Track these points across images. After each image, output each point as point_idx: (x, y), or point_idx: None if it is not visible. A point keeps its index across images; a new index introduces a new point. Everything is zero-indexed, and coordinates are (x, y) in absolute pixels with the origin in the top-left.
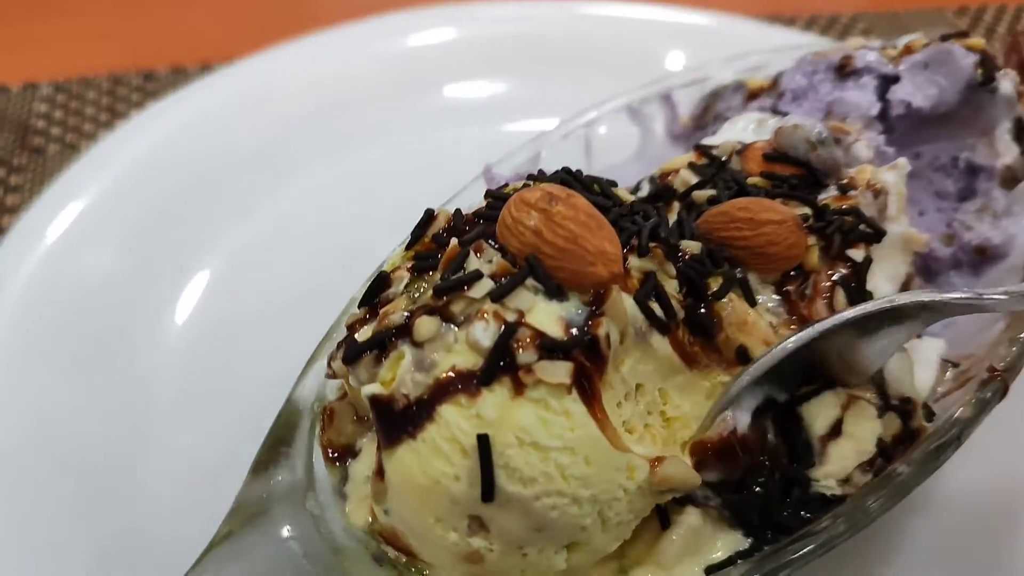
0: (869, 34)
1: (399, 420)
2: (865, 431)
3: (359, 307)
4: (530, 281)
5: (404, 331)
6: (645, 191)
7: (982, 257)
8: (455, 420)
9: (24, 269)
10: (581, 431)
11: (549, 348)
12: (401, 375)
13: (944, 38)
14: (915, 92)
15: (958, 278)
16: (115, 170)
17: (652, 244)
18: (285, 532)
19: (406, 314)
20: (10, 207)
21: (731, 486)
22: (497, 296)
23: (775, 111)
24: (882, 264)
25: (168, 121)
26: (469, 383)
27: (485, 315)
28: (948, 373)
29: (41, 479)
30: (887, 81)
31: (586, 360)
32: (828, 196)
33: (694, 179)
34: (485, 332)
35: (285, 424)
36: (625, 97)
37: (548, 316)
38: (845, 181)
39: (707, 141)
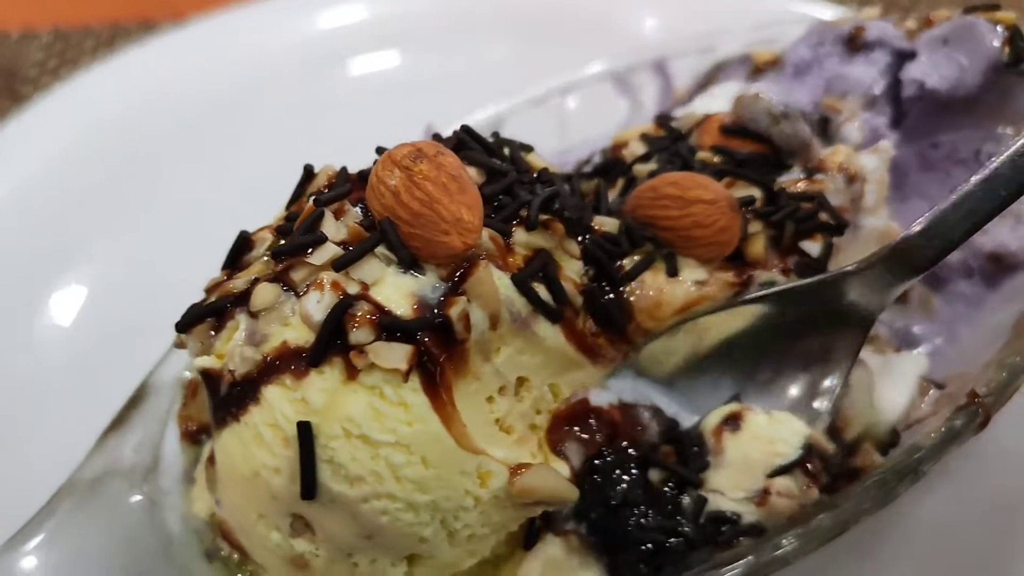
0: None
1: (225, 399)
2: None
3: (222, 269)
4: (382, 249)
5: (243, 299)
6: (597, 163)
7: (997, 266)
8: (279, 404)
9: None
10: (420, 426)
11: (389, 328)
12: (231, 348)
13: (968, 10)
14: (931, 71)
15: (969, 288)
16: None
17: (546, 217)
18: (110, 516)
19: (251, 279)
20: None
21: (603, 507)
22: (340, 264)
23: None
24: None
25: (54, 120)
26: (298, 362)
27: (323, 285)
28: (930, 394)
29: None
30: (902, 57)
31: (435, 345)
32: (789, 179)
33: (642, 151)
34: (318, 305)
35: (138, 400)
36: (602, 64)
37: (397, 291)
38: (813, 163)
39: (678, 112)
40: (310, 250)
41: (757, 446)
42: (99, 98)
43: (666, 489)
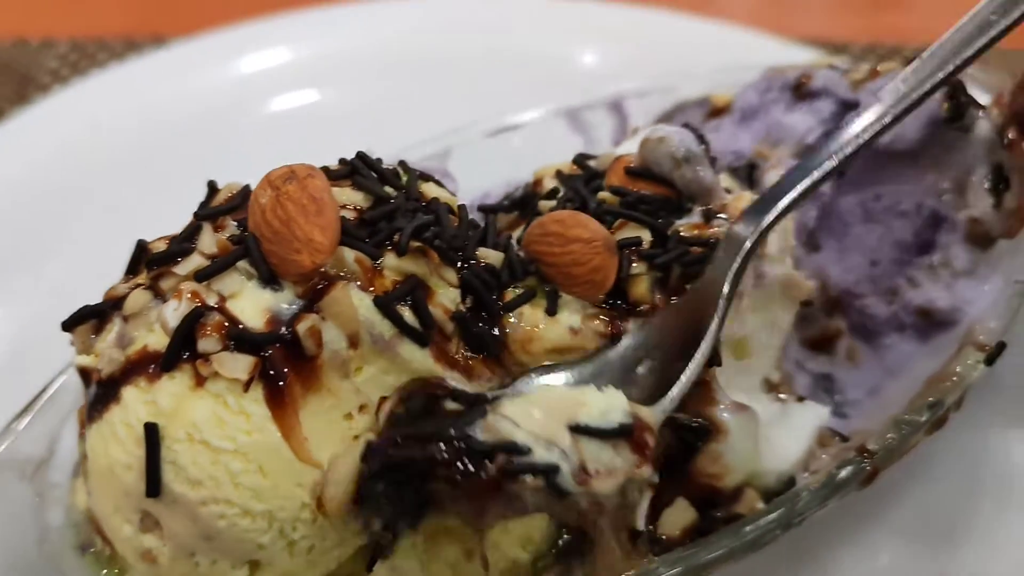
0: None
1: (94, 397)
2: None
3: (125, 275)
4: (245, 264)
5: (120, 303)
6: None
7: (927, 321)
8: (133, 404)
9: None
10: (258, 436)
11: (236, 339)
12: (103, 349)
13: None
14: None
15: (902, 343)
16: None
17: (417, 244)
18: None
19: (133, 285)
20: None
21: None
22: (202, 276)
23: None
24: (760, 310)
25: None
26: (154, 367)
27: (182, 294)
28: (832, 448)
29: None
30: (846, 107)
31: (282, 359)
32: (688, 222)
33: (552, 188)
34: (175, 312)
35: (42, 396)
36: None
37: (253, 305)
38: (715, 207)
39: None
40: (179, 260)
41: (564, 398)
42: (31, 139)
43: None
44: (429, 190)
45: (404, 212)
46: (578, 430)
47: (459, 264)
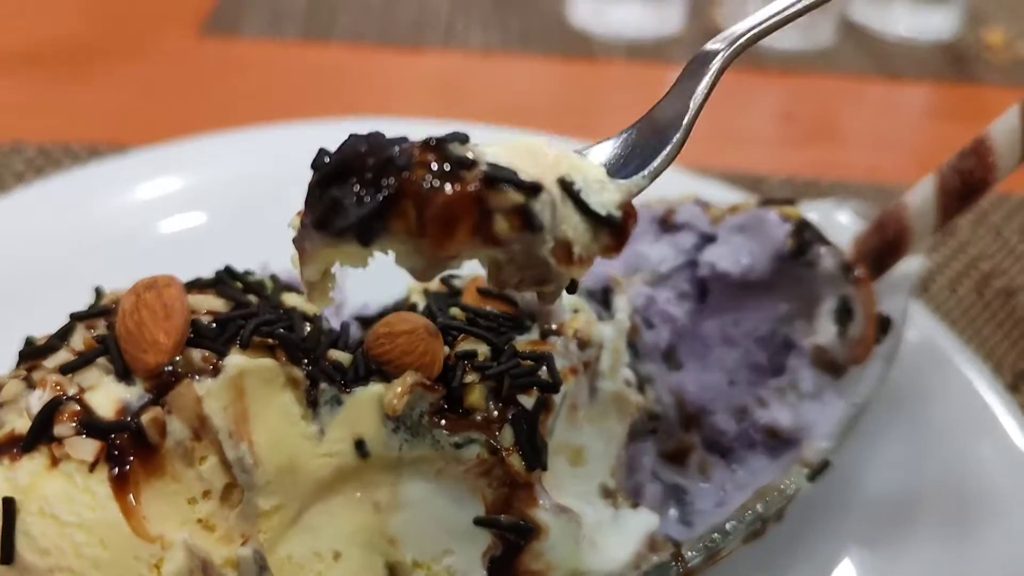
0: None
1: None
2: None
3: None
4: (104, 361)
5: None
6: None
7: (775, 440)
8: None
9: None
10: (101, 512)
11: (88, 426)
12: None
13: (764, 203)
14: (726, 255)
15: (752, 460)
16: None
17: (263, 340)
18: None
19: (12, 376)
20: None
21: None
22: (67, 369)
23: None
24: (596, 421)
25: None
26: (17, 447)
27: (46, 384)
28: (665, 552)
29: None
30: (705, 239)
31: (128, 445)
32: (526, 338)
33: (416, 303)
34: (39, 400)
35: None
36: None
37: (107, 396)
38: (552, 326)
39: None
40: (49, 355)
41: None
42: None
43: None
44: (290, 299)
45: (260, 316)
46: (567, 190)
47: (305, 362)
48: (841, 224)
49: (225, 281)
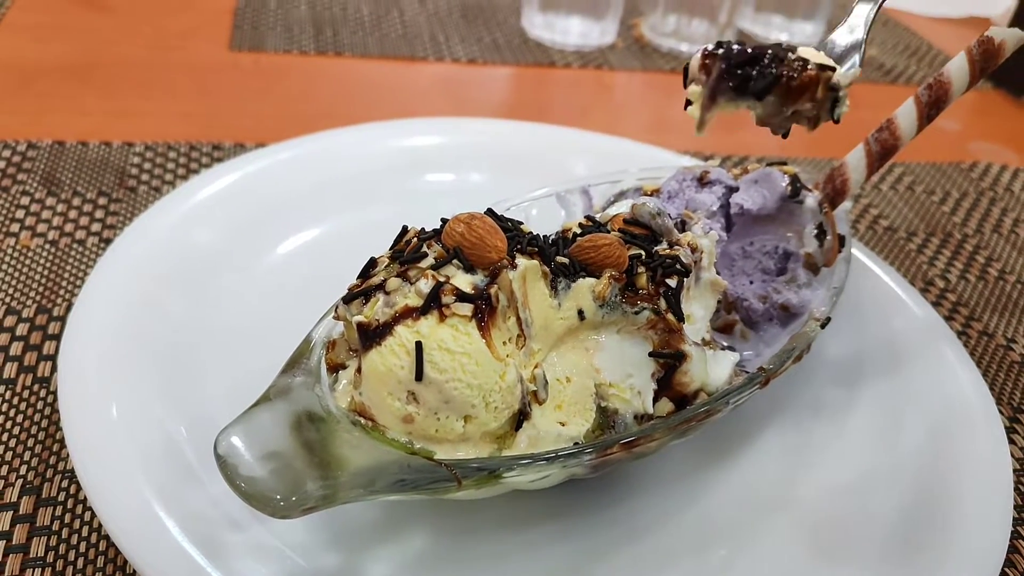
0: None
1: (372, 336)
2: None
3: (357, 278)
4: (456, 261)
5: (380, 286)
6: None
7: (786, 313)
8: (404, 334)
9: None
10: (475, 345)
11: (461, 296)
12: (376, 309)
13: (769, 164)
14: (747, 198)
15: (770, 327)
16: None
17: (530, 248)
18: (301, 401)
19: (382, 278)
20: (109, 224)
21: None
22: (435, 267)
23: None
24: (697, 297)
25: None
26: (414, 314)
27: (427, 276)
28: (739, 376)
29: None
30: (731, 190)
31: (483, 307)
32: (660, 247)
33: (578, 231)
34: (426, 285)
35: (304, 348)
36: (551, 189)
37: (463, 281)
38: (675, 240)
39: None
40: (421, 260)
41: None
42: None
43: None
44: (524, 228)
45: (517, 235)
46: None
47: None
48: (804, 179)
49: (492, 213)
